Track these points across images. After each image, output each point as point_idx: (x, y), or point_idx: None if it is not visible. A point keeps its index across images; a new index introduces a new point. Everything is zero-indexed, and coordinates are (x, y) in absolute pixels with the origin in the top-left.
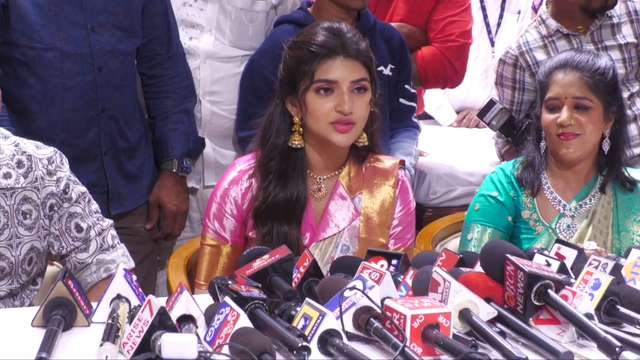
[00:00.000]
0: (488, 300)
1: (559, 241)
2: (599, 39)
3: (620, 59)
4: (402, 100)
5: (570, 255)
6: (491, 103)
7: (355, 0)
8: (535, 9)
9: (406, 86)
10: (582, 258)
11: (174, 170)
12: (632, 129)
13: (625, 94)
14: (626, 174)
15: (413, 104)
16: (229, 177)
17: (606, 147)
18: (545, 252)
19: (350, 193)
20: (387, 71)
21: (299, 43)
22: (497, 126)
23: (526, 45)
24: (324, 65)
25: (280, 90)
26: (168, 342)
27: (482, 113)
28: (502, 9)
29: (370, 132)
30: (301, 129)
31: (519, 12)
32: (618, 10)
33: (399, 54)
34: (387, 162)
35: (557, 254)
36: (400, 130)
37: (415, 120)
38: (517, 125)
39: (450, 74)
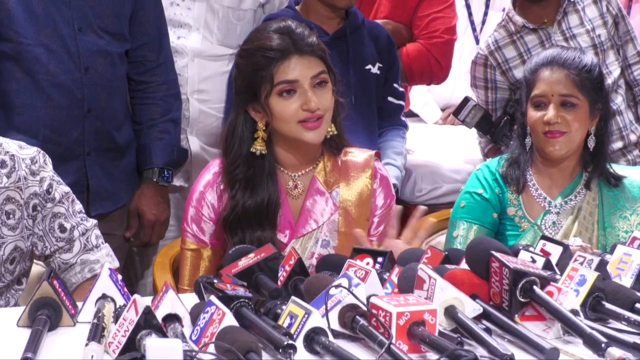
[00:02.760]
0: (473, 297)
1: (544, 237)
2: (567, 26)
3: (590, 45)
4: (390, 99)
5: (555, 252)
6: (465, 100)
7: None
8: None
9: (394, 85)
10: (567, 254)
11: (155, 180)
12: (611, 123)
13: None
14: (611, 170)
15: (401, 102)
16: (203, 180)
17: (591, 143)
18: (531, 249)
19: (327, 187)
20: (375, 70)
21: (251, 50)
22: (472, 123)
23: (495, 44)
24: (280, 67)
25: (240, 99)
26: (153, 347)
27: (457, 111)
28: (487, 6)
29: (338, 121)
30: (265, 135)
31: (503, 10)
32: None
33: (387, 53)
34: (360, 154)
35: (542, 250)
36: (388, 128)
37: (403, 119)
38: (495, 123)
39: (435, 70)
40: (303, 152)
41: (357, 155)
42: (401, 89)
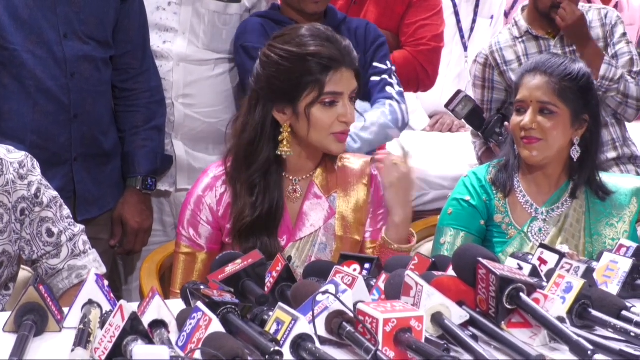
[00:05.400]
0: (460, 303)
1: (542, 246)
2: (568, 42)
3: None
4: (372, 78)
5: (552, 260)
6: (457, 92)
7: (309, 4)
8: (507, 15)
9: (374, 64)
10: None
11: (138, 188)
12: (605, 134)
13: None
14: (598, 180)
15: (384, 77)
16: (202, 184)
17: (575, 154)
18: (529, 257)
19: (324, 192)
20: None
21: (301, 54)
22: (462, 114)
23: (497, 45)
24: (333, 77)
25: (270, 99)
26: (140, 353)
27: (448, 102)
28: (475, 14)
29: None
30: (290, 137)
31: (491, 17)
32: (590, 15)
33: (363, 39)
34: (356, 160)
35: (539, 258)
36: (372, 107)
37: (390, 90)
38: (487, 120)
39: (422, 77)
40: (310, 157)
41: (352, 161)
42: (384, 67)
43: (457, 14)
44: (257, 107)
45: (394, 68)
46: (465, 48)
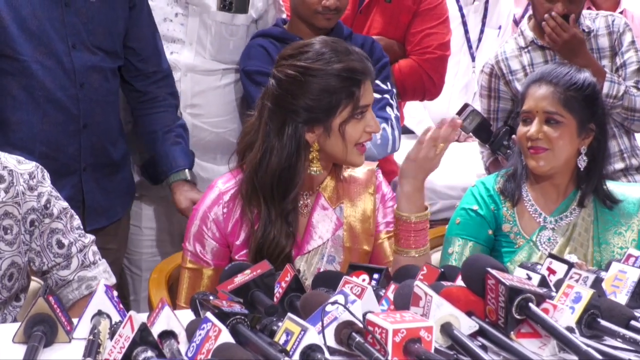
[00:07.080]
0: (469, 314)
1: (551, 256)
2: None
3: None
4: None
5: (561, 270)
6: (464, 106)
7: (320, 20)
8: (516, 23)
9: (377, 81)
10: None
11: (189, 179)
12: (613, 145)
13: None
14: (605, 188)
15: (385, 96)
16: (208, 199)
17: (582, 163)
18: (538, 267)
19: (331, 203)
20: None
21: (332, 71)
22: (469, 129)
23: (503, 54)
24: (364, 90)
25: (300, 120)
26: None
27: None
28: (483, 24)
29: None
30: (318, 155)
31: (499, 27)
32: (597, 23)
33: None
34: (361, 169)
35: (548, 268)
36: None
37: (389, 112)
38: (494, 133)
39: (428, 86)
40: (325, 171)
41: (357, 170)
42: (386, 87)
43: (464, 24)
44: (284, 130)
45: (395, 91)
46: (473, 58)
